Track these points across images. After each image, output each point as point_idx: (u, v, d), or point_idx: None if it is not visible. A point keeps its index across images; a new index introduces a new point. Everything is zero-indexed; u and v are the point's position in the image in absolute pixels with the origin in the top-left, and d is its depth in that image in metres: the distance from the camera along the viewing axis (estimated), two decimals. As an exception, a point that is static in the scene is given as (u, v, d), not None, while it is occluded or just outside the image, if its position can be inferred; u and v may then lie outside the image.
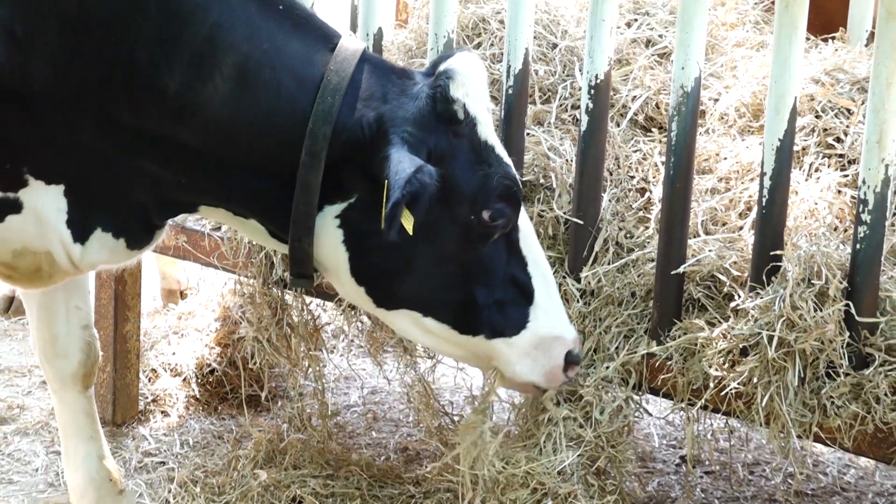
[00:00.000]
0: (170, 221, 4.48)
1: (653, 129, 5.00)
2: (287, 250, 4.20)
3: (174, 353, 6.24)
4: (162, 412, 6.04)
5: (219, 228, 5.40)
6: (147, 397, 6.09)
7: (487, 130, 4.17)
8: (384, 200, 3.90)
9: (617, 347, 4.56)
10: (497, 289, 4.24)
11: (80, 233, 4.25)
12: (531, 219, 4.75)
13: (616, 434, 4.55)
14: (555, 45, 5.19)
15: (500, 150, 4.22)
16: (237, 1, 4.07)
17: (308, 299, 5.39)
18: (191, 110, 4.04)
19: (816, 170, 4.68)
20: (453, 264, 4.18)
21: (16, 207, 4.18)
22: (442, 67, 4.14)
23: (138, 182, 4.19)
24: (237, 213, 4.27)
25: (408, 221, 3.92)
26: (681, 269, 4.44)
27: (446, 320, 4.24)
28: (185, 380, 6.16)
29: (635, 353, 4.52)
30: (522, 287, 4.28)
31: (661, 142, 4.89)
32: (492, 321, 4.25)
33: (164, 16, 4.01)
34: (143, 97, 4.04)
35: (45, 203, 4.18)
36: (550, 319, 4.31)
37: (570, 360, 4.35)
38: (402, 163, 3.94)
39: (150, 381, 6.18)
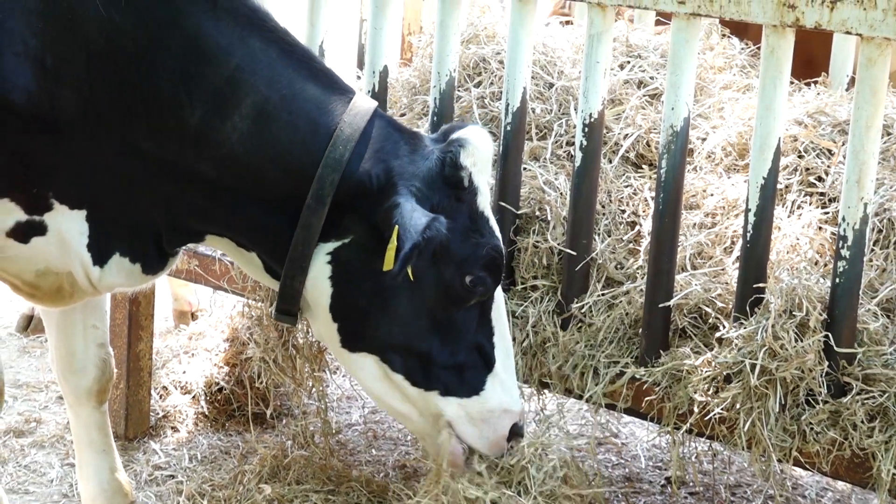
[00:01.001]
0: (184, 247, 4.50)
1: (643, 166, 5.01)
2: (278, 287, 4.22)
3: (184, 372, 6.24)
4: (172, 428, 6.04)
5: (229, 254, 5.40)
6: (158, 413, 6.08)
7: (485, 202, 4.22)
8: (395, 244, 3.94)
9: (605, 373, 4.56)
10: (459, 352, 4.23)
11: (100, 256, 4.27)
12: (526, 249, 4.76)
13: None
14: (551, 85, 5.20)
15: (493, 223, 4.25)
16: (259, 45, 4.10)
17: (313, 322, 5.38)
18: (209, 145, 4.06)
19: (799, 207, 4.69)
20: (427, 319, 4.18)
21: (41, 229, 4.20)
22: (455, 135, 4.18)
23: (156, 209, 4.21)
24: (240, 244, 4.29)
25: (409, 266, 3.96)
26: (670, 303, 4.44)
27: (404, 371, 4.22)
28: (194, 397, 6.15)
29: (622, 375, 4.52)
30: (485, 355, 4.27)
31: (651, 178, 4.90)
32: (448, 380, 4.24)
33: (188, 54, 4.04)
34: (164, 129, 4.06)
35: (69, 227, 4.20)
36: (505, 392, 4.30)
37: (514, 432, 4.33)
38: (417, 211, 3.99)
39: (161, 397, 6.17)
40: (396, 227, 3.97)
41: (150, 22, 4.04)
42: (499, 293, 4.30)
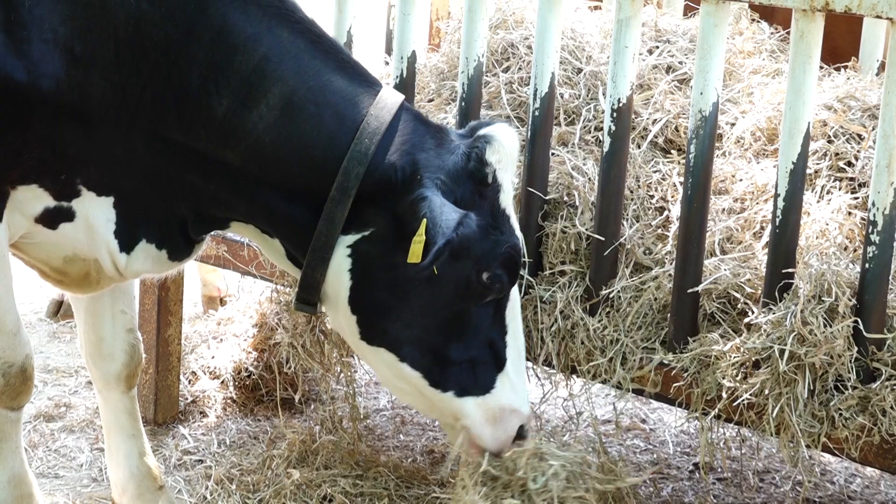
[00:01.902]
0: (211, 233, 4.51)
1: (672, 151, 5.00)
2: (299, 275, 4.23)
3: (213, 357, 6.25)
4: (201, 413, 6.05)
5: (258, 239, 5.41)
6: (187, 398, 6.10)
7: (508, 200, 4.20)
8: (423, 238, 3.94)
9: (634, 358, 4.56)
10: (474, 347, 4.23)
11: (127, 243, 4.29)
12: (554, 234, 4.75)
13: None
14: (580, 70, 5.19)
15: (514, 222, 4.24)
16: (287, 36, 4.10)
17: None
18: (235, 134, 4.07)
19: (828, 192, 4.67)
20: (443, 313, 4.17)
21: (69, 216, 4.21)
22: (482, 132, 4.17)
23: (182, 196, 4.22)
24: (264, 231, 4.31)
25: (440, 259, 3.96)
26: (698, 289, 4.43)
27: (420, 368, 4.21)
28: (223, 382, 6.17)
29: (651, 361, 4.51)
30: (497, 353, 4.27)
31: (679, 163, 4.89)
32: (461, 379, 4.23)
33: (216, 44, 4.04)
34: (192, 118, 4.07)
35: (96, 213, 4.22)
36: (514, 391, 4.30)
37: (520, 434, 4.33)
38: (447, 206, 3.99)
39: (190, 383, 6.19)
40: (425, 220, 3.96)
41: (178, 11, 4.04)
42: (514, 293, 4.30)
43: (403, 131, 4.16)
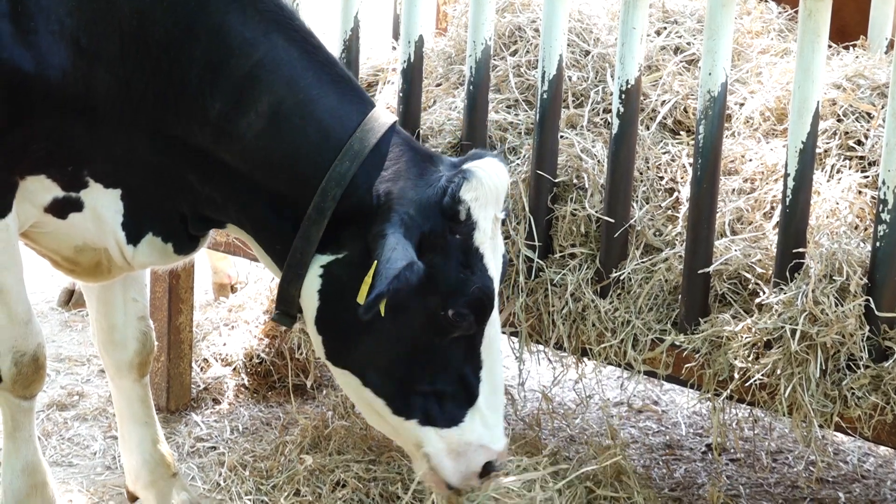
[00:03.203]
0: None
1: (681, 133, 4.99)
2: None
3: (225, 344, 6.26)
4: (213, 400, 6.06)
5: (267, 226, 5.41)
6: (199, 385, 6.11)
7: (483, 238, 4.07)
8: (371, 277, 3.87)
9: (645, 340, 4.56)
10: (441, 381, 4.14)
11: (134, 235, 4.29)
12: (564, 217, 4.75)
13: None
14: (587, 52, 5.18)
15: (489, 261, 4.10)
16: (282, 44, 4.08)
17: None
18: (228, 136, 4.08)
19: (838, 171, 4.66)
20: (408, 345, 4.10)
21: (77, 206, 4.22)
22: (466, 166, 4.06)
23: (181, 196, 4.23)
24: (252, 236, 4.30)
25: (381, 304, 3.88)
26: (709, 270, 4.42)
27: (384, 396, 4.15)
28: (234, 369, 6.17)
29: (662, 342, 4.51)
30: (468, 388, 4.17)
31: (688, 144, 4.88)
32: (427, 409, 4.16)
33: (213, 44, 4.04)
34: (190, 119, 4.08)
35: (104, 204, 4.23)
36: (485, 427, 4.20)
37: (488, 469, 4.24)
38: (396, 251, 3.89)
39: (202, 370, 6.19)
40: (376, 262, 3.89)
41: (179, 8, 4.04)
42: (494, 331, 4.19)
43: (389, 156, 4.09)
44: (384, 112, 4.20)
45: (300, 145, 4.09)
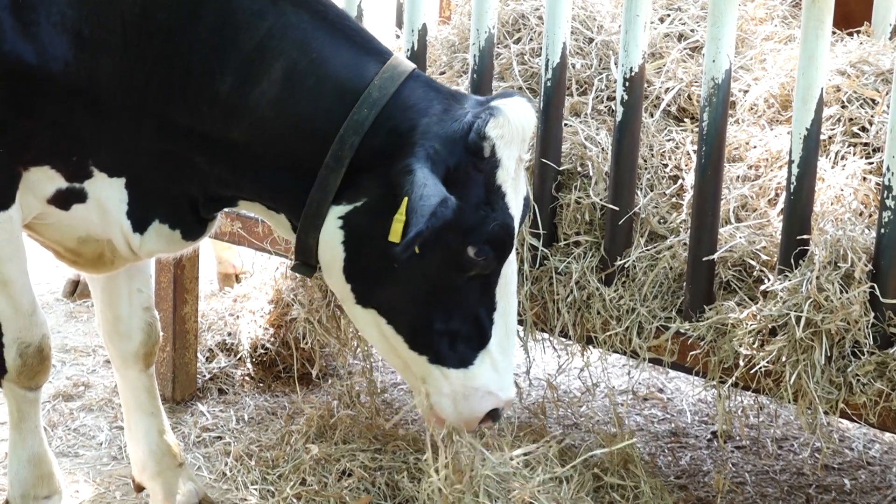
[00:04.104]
0: (225, 210, 4.51)
1: (685, 120, 4.98)
2: None
3: (230, 334, 6.26)
4: (219, 390, 6.07)
5: (272, 215, 5.42)
6: (205, 375, 6.11)
7: (505, 177, 4.07)
8: (403, 218, 3.87)
9: (650, 327, 4.55)
10: (455, 321, 4.15)
11: (140, 223, 4.29)
12: (568, 205, 4.74)
13: None
14: (591, 40, 5.18)
15: (510, 199, 4.10)
16: (291, 9, 4.07)
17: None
18: (239, 112, 4.07)
19: (842, 158, 4.66)
20: (430, 283, 4.10)
21: (81, 197, 4.22)
22: (493, 103, 4.06)
23: (191, 178, 4.22)
24: (270, 208, 4.30)
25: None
26: (714, 257, 4.42)
27: (403, 332, 4.17)
28: (240, 359, 6.18)
29: (667, 330, 4.51)
30: (481, 329, 4.18)
31: (693, 131, 4.88)
32: (439, 348, 4.17)
33: (220, 24, 4.03)
34: (197, 100, 4.07)
35: (108, 194, 4.22)
36: (495, 371, 4.21)
37: (491, 416, 4.26)
38: (428, 187, 3.89)
39: (207, 360, 6.20)
40: (406, 199, 3.88)
41: None
42: (511, 271, 4.20)
43: (410, 99, 4.09)
44: (403, 60, 4.19)
45: (317, 104, 4.08)
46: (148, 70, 4.06)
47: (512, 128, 4.02)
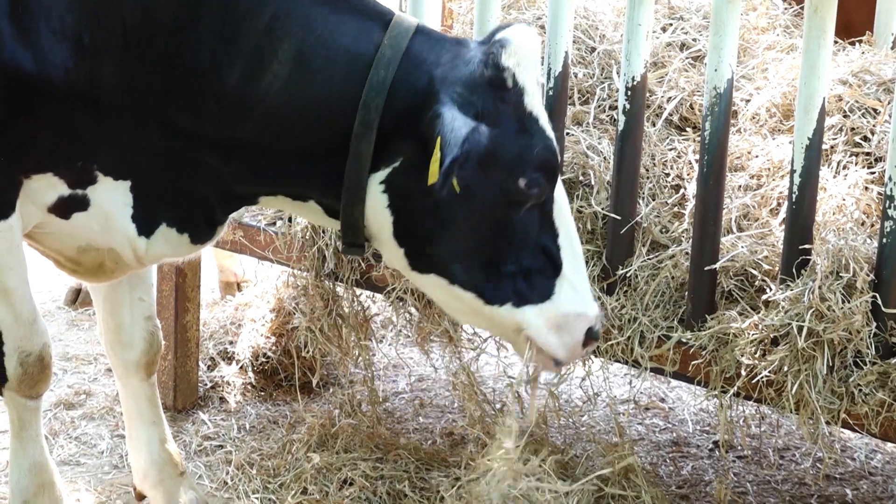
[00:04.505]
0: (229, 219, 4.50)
1: (687, 129, 4.98)
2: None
3: (231, 343, 6.26)
4: (220, 398, 6.06)
5: (273, 224, 5.41)
6: (206, 384, 6.10)
7: (534, 101, 4.08)
8: (438, 156, 3.88)
9: (652, 337, 4.55)
10: (525, 257, 4.13)
11: (146, 227, 4.28)
12: (571, 214, 4.74)
13: None
14: (593, 49, 5.18)
15: (544, 123, 4.11)
16: None
17: (358, 291, 5.39)
18: (252, 101, 4.05)
19: (844, 167, 4.66)
20: (486, 227, 4.09)
21: (83, 204, 4.20)
22: (497, 36, 4.07)
23: (202, 179, 4.20)
24: (296, 198, 4.27)
25: (455, 176, 3.89)
26: (715, 266, 4.42)
27: (473, 288, 4.14)
28: (241, 367, 6.17)
29: (669, 340, 4.51)
30: (551, 258, 4.16)
31: (695, 141, 4.87)
32: (517, 289, 4.14)
33: (224, 16, 4.02)
34: (205, 96, 4.05)
35: (113, 199, 4.21)
36: (575, 294, 4.19)
37: (590, 336, 4.23)
38: (457, 121, 3.91)
39: (209, 368, 6.19)
40: (439, 138, 3.90)
41: None
42: (560, 194, 4.19)
43: (420, 52, 4.09)
44: (406, 17, 4.19)
45: (333, 76, 4.07)
46: (151, 72, 4.04)
47: (525, 53, 4.03)
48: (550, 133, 4.12)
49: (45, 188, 4.15)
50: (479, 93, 4.01)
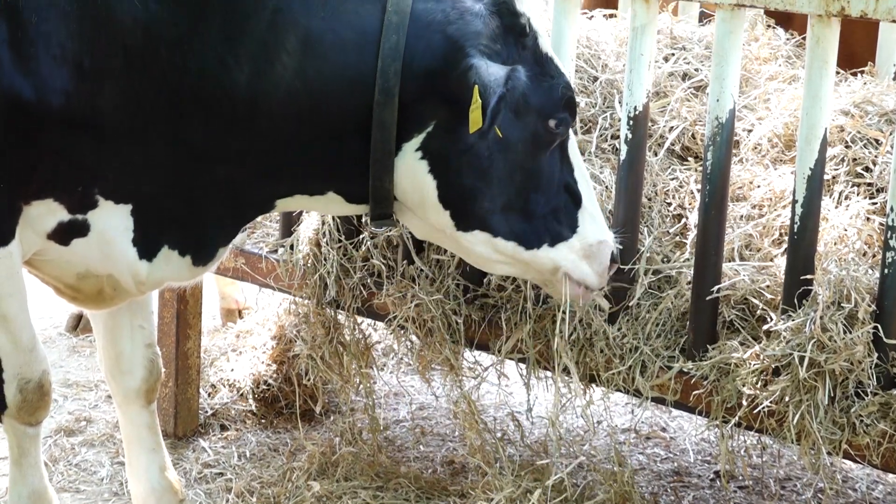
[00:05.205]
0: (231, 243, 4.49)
1: (689, 159, 4.98)
2: (365, 211, 4.28)
3: (232, 370, 6.25)
4: (221, 426, 6.05)
5: (275, 251, 5.41)
6: (207, 411, 6.09)
7: (547, 43, 4.23)
8: (479, 103, 3.95)
9: (654, 366, 4.54)
10: (554, 195, 4.27)
11: (147, 251, 4.27)
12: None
13: None
14: (595, 79, 5.18)
15: (559, 62, 4.26)
16: None
17: (360, 319, 5.38)
18: (265, 95, 4.06)
19: (846, 198, 4.65)
20: (521, 173, 4.20)
21: (82, 230, 4.20)
22: None
23: (214, 192, 4.20)
24: (314, 193, 4.29)
25: (499, 117, 3.99)
26: (717, 295, 4.41)
27: (513, 237, 4.24)
28: (242, 395, 6.16)
29: (670, 369, 4.49)
30: (573, 192, 4.31)
31: (696, 170, 4.87)
32: (550, 228, 4.27)
33: (227, 19, 4.03)
34: (214, 102, 4.06)
35: (113, 223, 4.20)
36: (595, 223, 4.35)
37: (612, 259, 4.41)
38: (492, 67, 4.00)
39: (209, 395, 6.18)
40: (476, 86, 3.97)
41: (188, 1, 4.03)
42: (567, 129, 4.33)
43: (424, 14, 4.13)
44: None
45: (344, 54, 4.09)
46: (156, 89, 4.03)
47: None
48: (564, 70, 4.27)
49: (44, 214, 4.14)
50: (500, 42, 4.13)
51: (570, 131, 4.31)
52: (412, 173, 4.16)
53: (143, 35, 4.00)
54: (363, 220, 5.07)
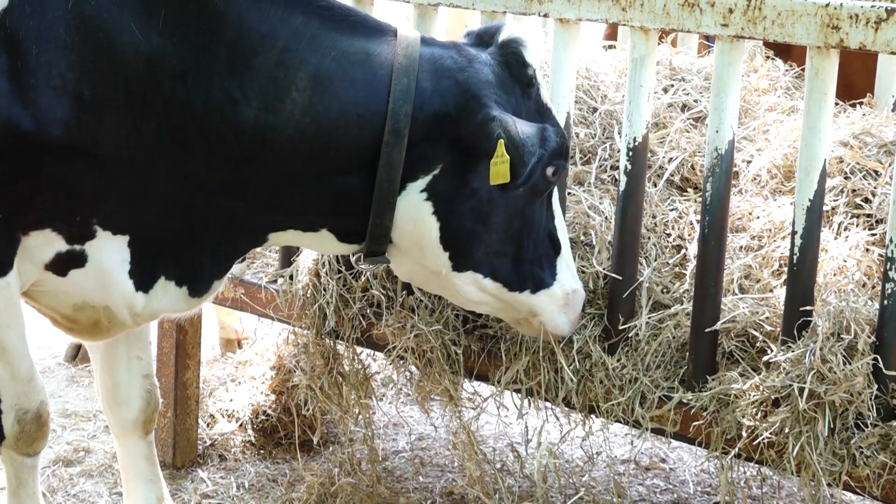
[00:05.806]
0: (228, 275, 4.48)
1: (688, 189, 4.98)
2: (353, 251, 4.33)
3: (231, 400, 6.24)
4: (219, 456, 6.03)
5: (275, 281, 5.40)
6: (205, 441, 6.08)
7: (546, 93, 4.31)
8: (507, 158, 4.03)
9: (653, 397, 4.53)
10: (540, 243, 4.33)
11: (144, 282, 4.27)
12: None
13: None
14: (595, 109, 5.18)
15: (555, 111, 4.34)
16: (300, 20, 4.10)
17: (359, 349, 5.37)
18: (273, 132, 4.07)
19: (845, 229, 4.65)
20: (517, 220, 4.25)
21: (80, 261, 4.19)
22: (505, 37, 4.24)
23: (212, 222, 4.20)
24: (308, 229, 4.30)
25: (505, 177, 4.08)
26: (716, 327, 4.40)
27: (500, 278, 4.30)
28: (241, 425, 6.15)
29: (670, 400, 4.48)
30: (554, 241, 4.38)
31: (696, 201, 4.87)
32: (534, 274, 4.33)
33: (235, 54, 4.03)
34: (220, 136, 4.06)
35: (110, 255, 4.19)
36: (570, 272, 4.45)
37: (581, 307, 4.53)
38: (518, 122, 4.07)
39: (208, 426, 6.17)
40: (501, 140, 4.04)
41: (191, 35, 4.02)
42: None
43: (432, 60, 4.19)
44: (408, 29, 4.30)
45: (354, 93, 4.12)
46: (157, 121, 4.03)
47: (532, 50, 4.26)
48: (556, 114, 4.35)
49: (42, 245, 4.13)
50: (508, 91, 4.19)
51: None
52: (415, 213, 4.18)
53: (145, 67, 4.00)
54: (352, 257, 5.06)
